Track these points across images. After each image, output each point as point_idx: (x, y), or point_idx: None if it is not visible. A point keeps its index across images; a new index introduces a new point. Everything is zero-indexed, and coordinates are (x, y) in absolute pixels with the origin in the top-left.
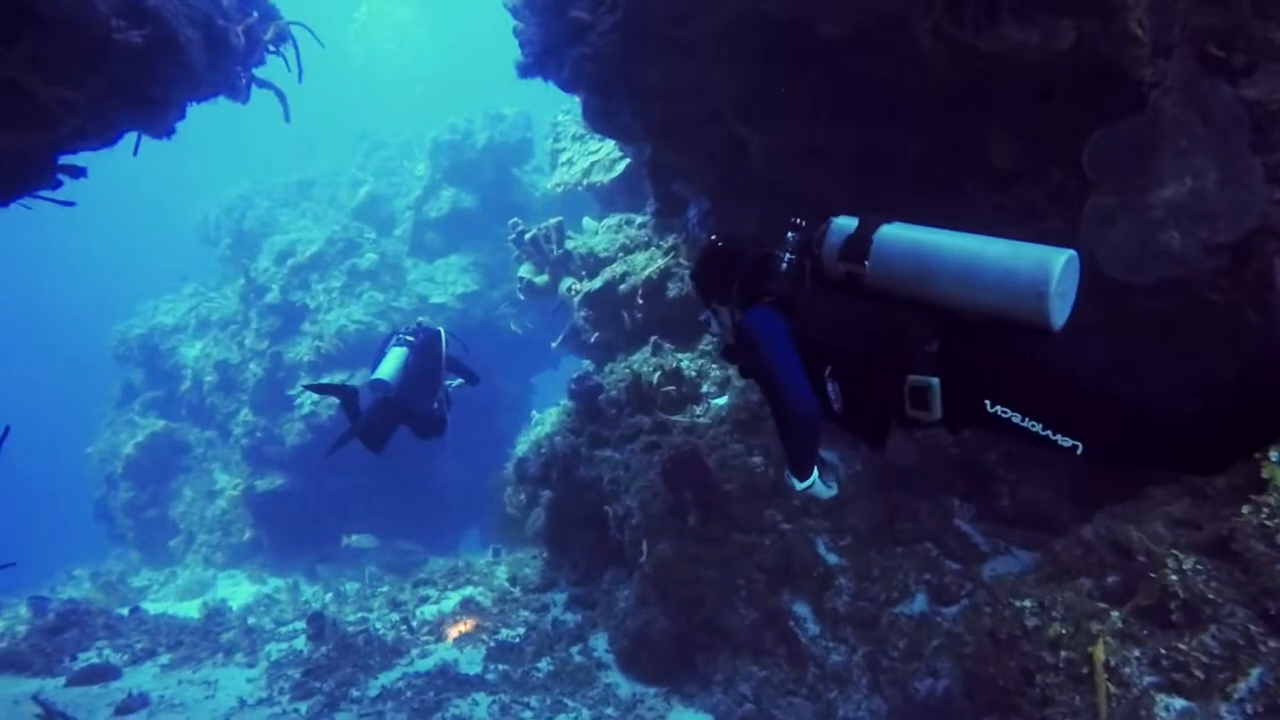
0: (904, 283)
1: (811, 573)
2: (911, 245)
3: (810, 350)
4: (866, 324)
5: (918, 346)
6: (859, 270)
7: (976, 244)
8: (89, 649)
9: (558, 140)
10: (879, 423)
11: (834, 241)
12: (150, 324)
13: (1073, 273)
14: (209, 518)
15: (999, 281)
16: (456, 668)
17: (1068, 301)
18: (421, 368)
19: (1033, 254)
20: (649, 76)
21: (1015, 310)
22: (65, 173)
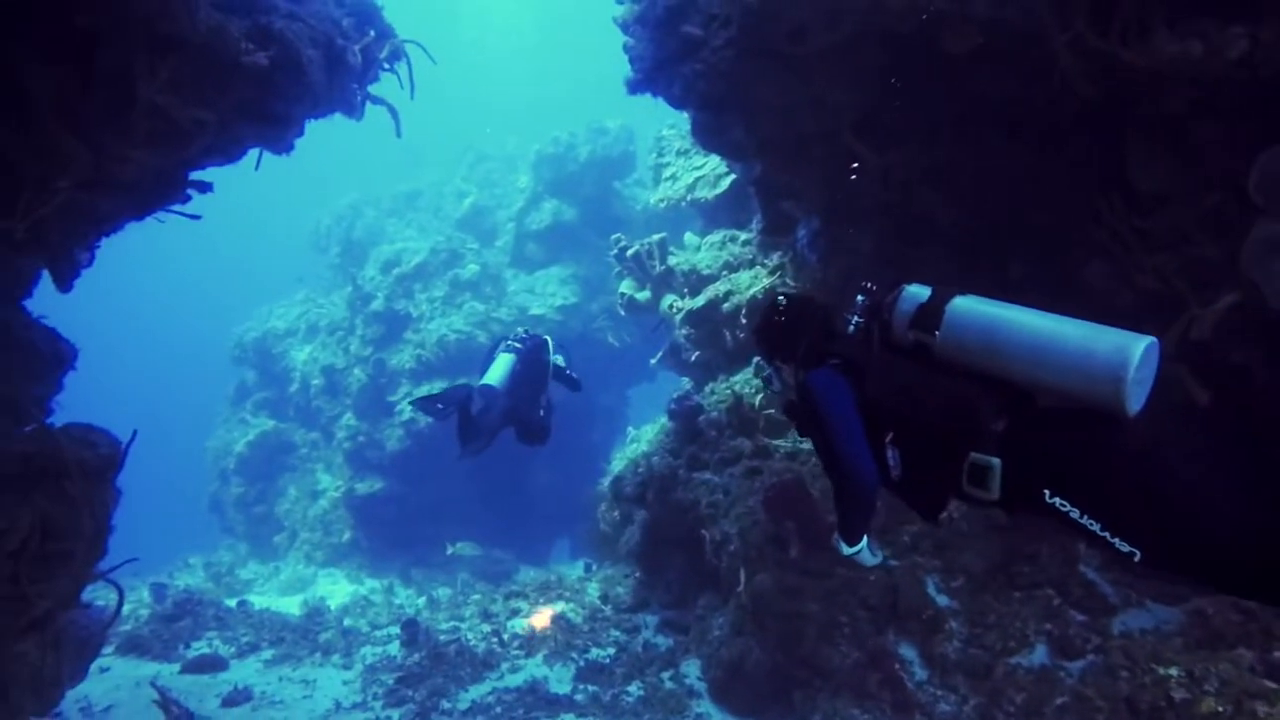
0: (974, 356)
1: (920, 614)
2: (984, 319)
3: (872, 416)
4: (932, 394)
5: (983, 423)
6: (929, 340)
7: (1052, 323)
8: (200, 638)
9: (662, 155)
10: (936, 495)
11: (905, 309)
12: (264, 328)
13: (1151, 360)
14: (311, 517)
15: (1075, 364)
16: (546, 686)
17: (1144, 389)
18: (528, 374)
19: (1112, 338)
20: (762, 93)
21: (1089, 394)
22: (194, 188)
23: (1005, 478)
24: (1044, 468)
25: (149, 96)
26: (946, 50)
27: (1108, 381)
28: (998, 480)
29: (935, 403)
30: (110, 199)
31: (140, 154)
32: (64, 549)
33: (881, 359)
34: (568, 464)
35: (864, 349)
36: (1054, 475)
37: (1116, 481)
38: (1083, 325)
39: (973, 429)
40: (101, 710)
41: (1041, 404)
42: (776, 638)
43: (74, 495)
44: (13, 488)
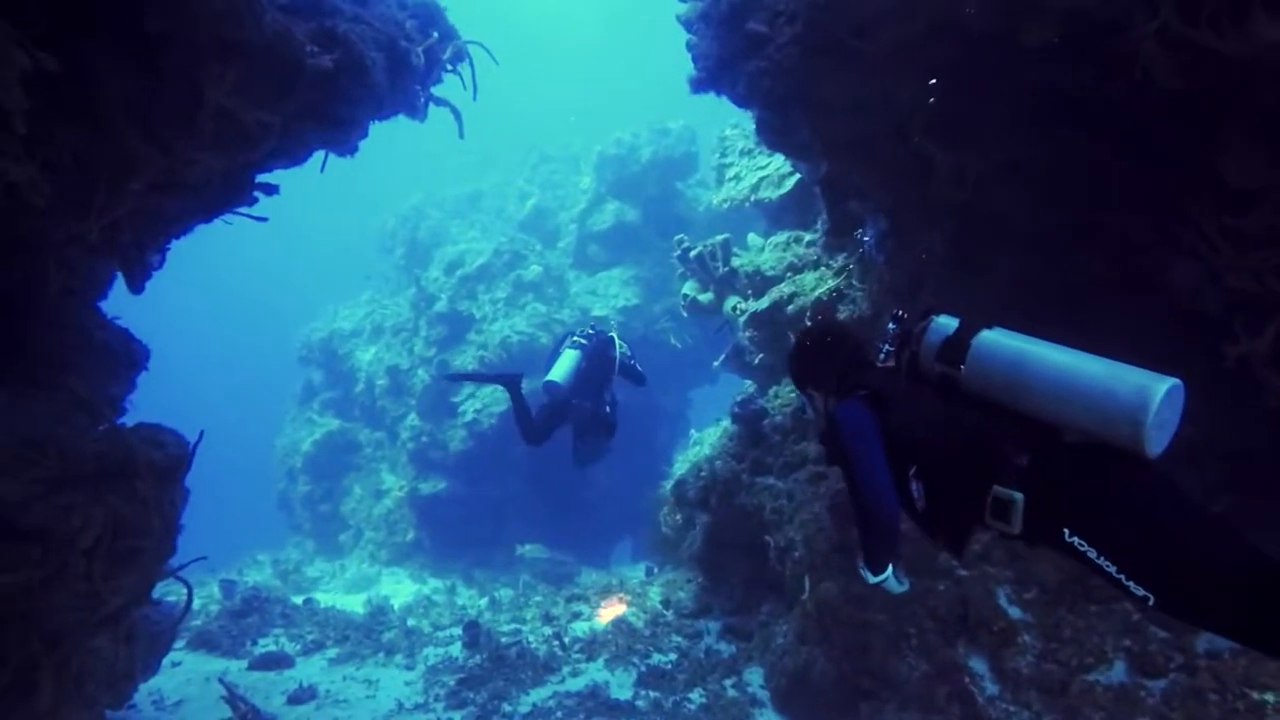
0: (999, 391)
1: (991, 626)
2: (1009, 354)
3: (898, 447)
4: (957, 428)
5: (1006, 458)
6: (954, 373)
7: (1076, 361)
8: (267, 635)
9: (724, 155)
10: (960, 527)
11: (932, 341)
12: (331, 328)
13: (1175, 402)
14: (375, 516)
15: (1096, 403)
16: (607, 691)
17: (1167, 431)
18: (592, 371)
19: (1134, 379)
20: (829, 90)
21: (1110, 435)
22: (261, 190)
23: (1027, 513)
24: (1064, 507)
25: (216, 99)
26: (1022, 42)
27: (1127, 423)
28: (1020, 515)
29: (960, 436)
30: (179, 201)
31: (207, 156)
32: (134, 547)
33: (908, 390)
34: (629, 466)
35: (892, 379)
36: (1073, 515)
37: (1133, 527)
38: (1107, 364)
39: (996, 463)
40: (173, 704)
41: (1067, 440)
42: (842, 647)
43: (144, 495)
44: (86, 487)
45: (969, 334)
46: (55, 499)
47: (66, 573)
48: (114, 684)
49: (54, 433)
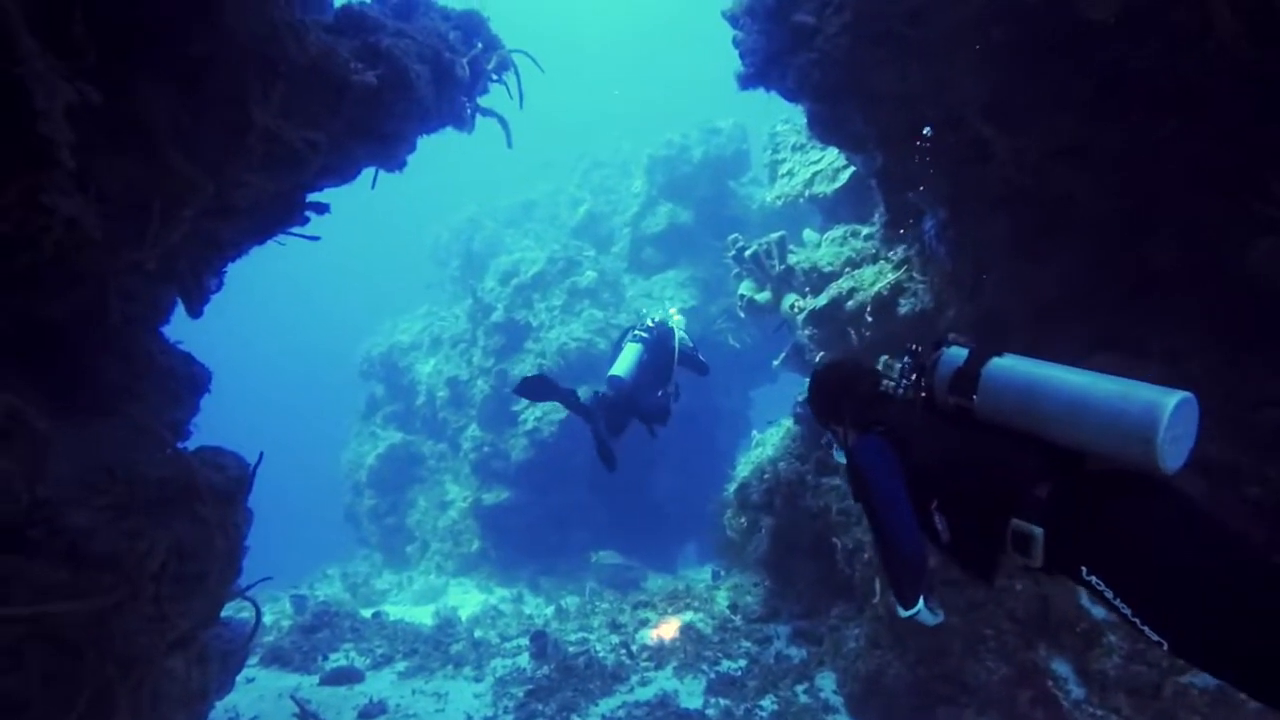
0: (1013, 419)
1: (1074, 627)
2: (1020, 381)
3: (918, 481)
4: (974, 459)
5: (1025, 489)
6: (968, 404)
7: (1087, 382)
8: (338, 649)
9: (776, 151)
10: (986, 559)
11: (944, 373)
12: (390, 342)
13: (1188, 416)
14: (441, 527)
15: (1108, 423)
16: (677, 700)
17: (1182, 446)
18: (654, 363)
19: (1144, 395)
20: (881, 79)
21: (1125, 455)
22: (312, 209)
23: (1048, 546)
24: (1082, 543)
25: (263, 121)
26: (1083, 17)
27: (1140, 441)
28: (1040, 549)
29: (978, 468)
30: (232, 225)
31: (256, 178)
32: (200, 570)
33: (926, 424)
34: (692, 468)
35: (910, 413)
36: (1091, 553)
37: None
38: (1117, 383)
39: (1015, 495)
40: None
41: (1089, 467)
42: (917, 651)
43: (206, 518)
44: (151, 512)
45: (978, 364)
46: (122, 525)
47: (136, 598)
48: (188, 704)
49: (120, 459)
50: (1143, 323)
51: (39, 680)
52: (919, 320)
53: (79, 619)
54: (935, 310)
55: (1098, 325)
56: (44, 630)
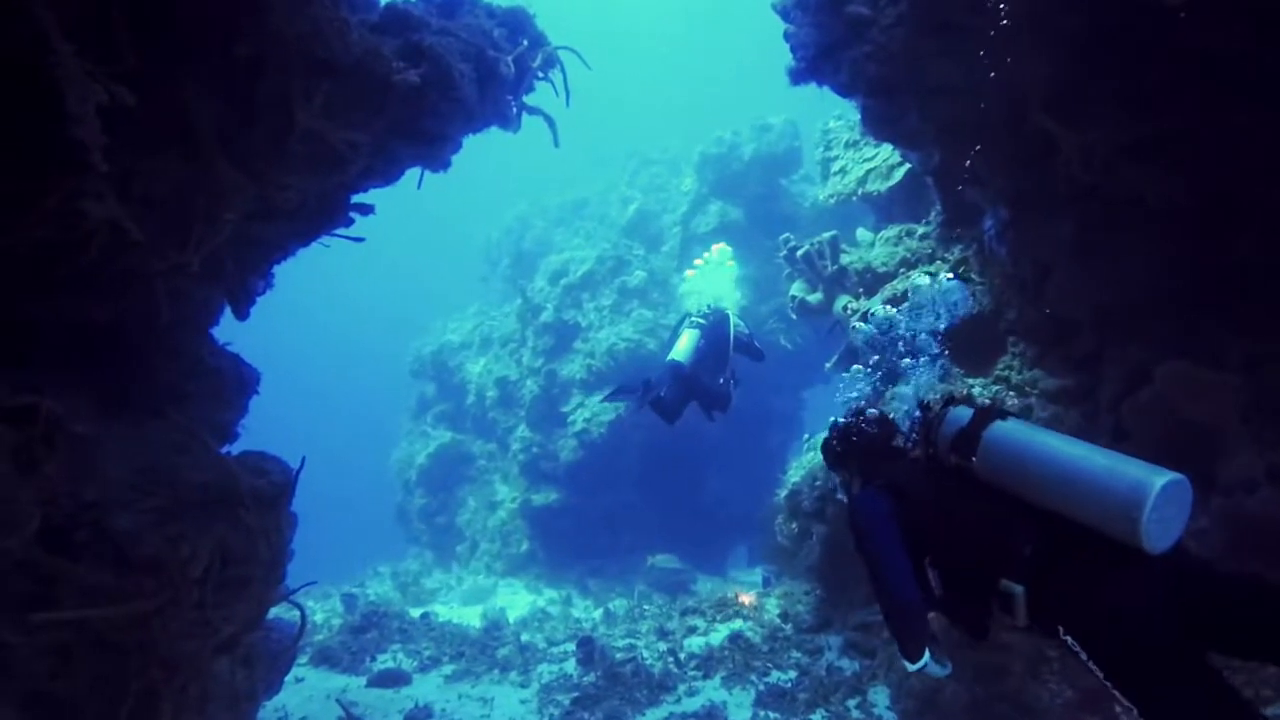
0: (1009, 483)
1: None
2: (1017, 447)
3: (915, 535)
4: (969, 518)
5: (1013, 549)
6: (967, 464)
7: (1079, 454)
8: (386, 650)
9: (829, 148)
10: (977, 616)
11: (947, 432)
12: (440, 341)
13: (1179, 498)
14: (490, 527)
15: (1095, 498)
16: (724, 712)
17: (1170, 527)
18: (711, 349)
19: (1133, 473)
20: (940, 72)
21: (1109, 529)
22: (356, 210)
23: (1029, 606)
24: (1060, 605)
25: (305, 122)
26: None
27: (1124, 519)
28: (1023, 608)
29: (971, 527)
30: (276, 226)
31: (299, 180)
32: (244, 575)
33: (928, 479)
34: (743, 469)
35: (914, 468)
36: (1068, 615)
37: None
38: (1109, 458)
39: (1003, 555)
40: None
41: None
42: (975, 669)
43: (249, 523)
44: (194, 516)
45: (980, 426)
46: (166, 529)
47: (179, 603)
48: (235, 705)
49: (166, 462)
50: (1219, 328)
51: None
52: (976, 322)
53: (123, 622)
54: (994, 313)
55: (1169, 330)
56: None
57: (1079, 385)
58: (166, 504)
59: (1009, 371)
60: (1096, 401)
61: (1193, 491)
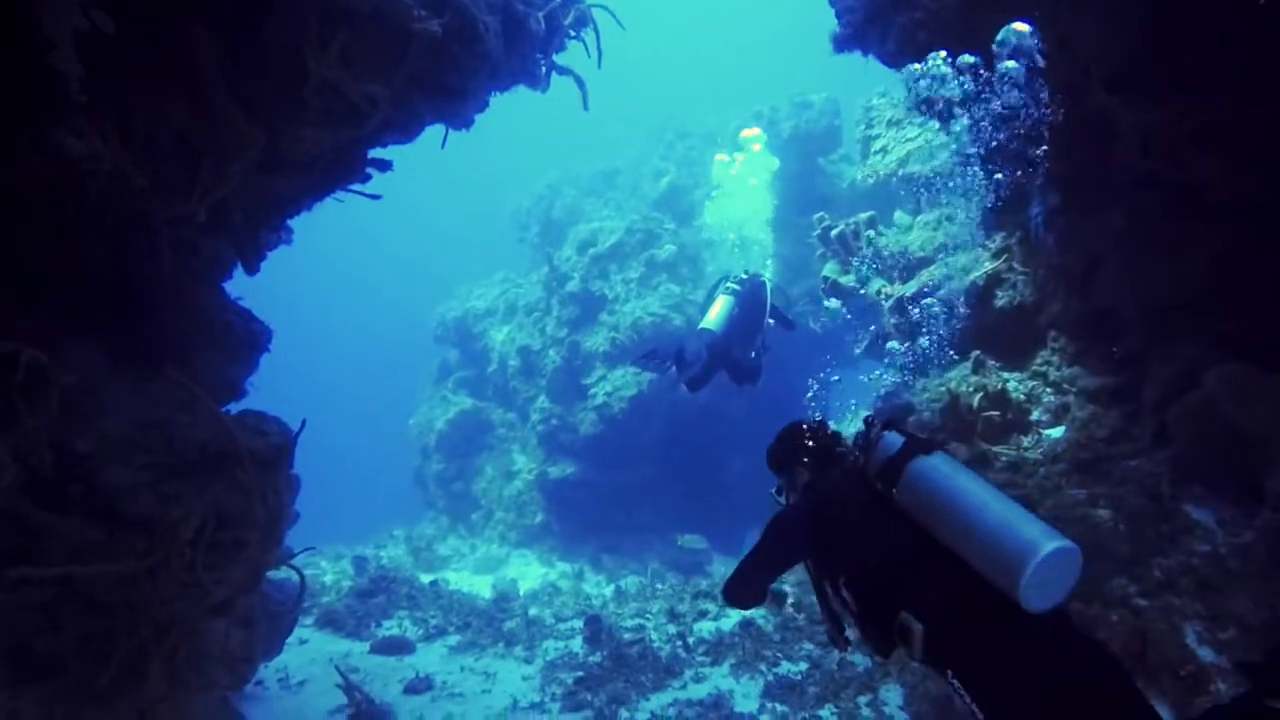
0: (923, 519)
1: (1177, 669)
2: (935, 485)
3: (832, 553)
4: (885, 547)
5: (920, 588)
6: (888, 494)
7: (985, 504)
8: (392, 617)
9: (870, 126)
10: (880, 641)
11: (878, 457)
12: (465, 307)
13: (1063, 564)
14: (506, 497)
15: (987, 550)
16: (731, 701)
17: (1052, 591)
18: (744, 317)
19: (1025, 533)
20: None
21: (997, 582)
22: (374, 166)
23: (926, 644)
24: (950, 647)
25: (320, 72)
26: None
27: (1006, 577)
28: (920, 645)
29: (885, 557)
30: (288, 179)
31: (313, 132)
32: (239, 538)
33: (855, 497)
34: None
35: (847, 484)
36: (956, 660)
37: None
38: (1012, 514)
39: (910, 591)
40: (297, 683)
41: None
42: None
43: (246, 485)
44: (191, 475)
45: (906, 458)
46: (160, 488)
47: (171, 563)
48: (233, 667)
49: (165, 419)
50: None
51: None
52: (1016, 314)
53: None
54: (1035, 305)
55: (1222, 331)
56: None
57: (1121, 385)
58: (162, 461)
59: (1047, 367)
60: (1139, 402)
61: (1081, 561)
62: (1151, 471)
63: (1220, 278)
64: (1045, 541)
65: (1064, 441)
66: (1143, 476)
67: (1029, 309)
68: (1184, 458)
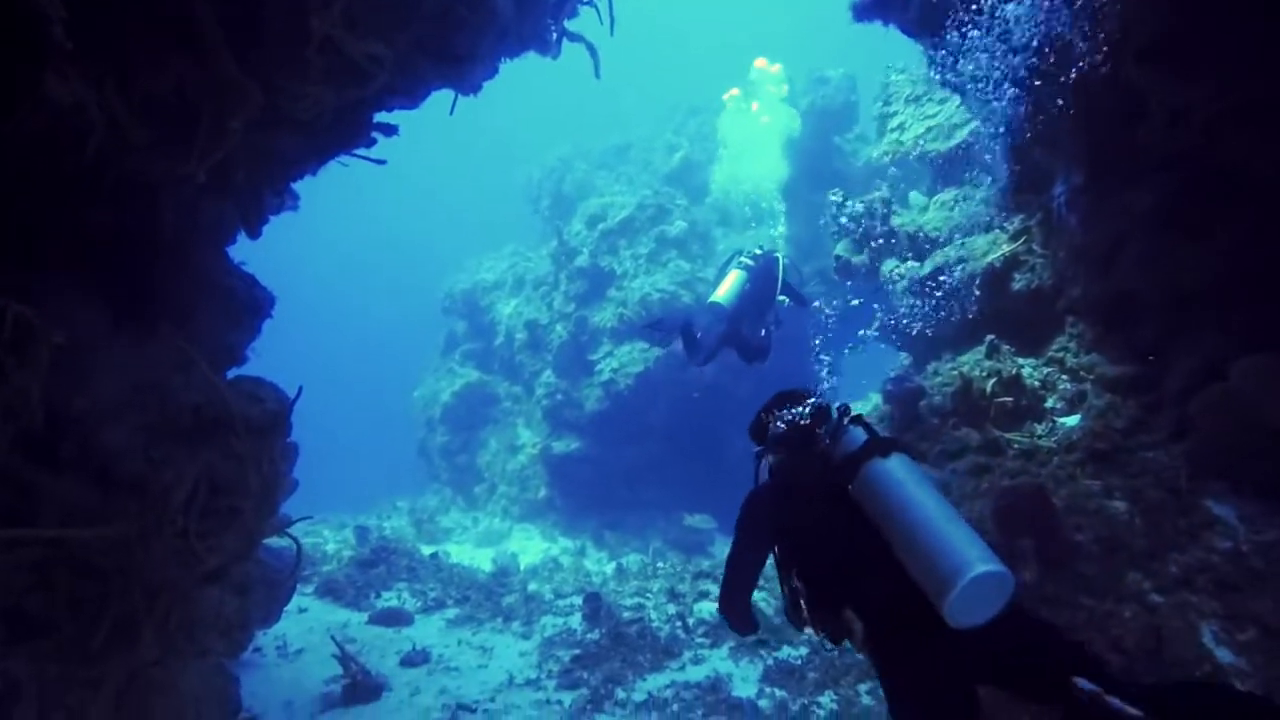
0: (873, 519)
1: (1193, 669)
2: (886, 489)
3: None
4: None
5: (866, 587)
6: (845, 488)
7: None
8: (391, 588)
9: (888, 103)
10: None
11: (841, 450)
12: (474, 279)
13: (991, 589)
14: (509, 471)
15: (923, 561)
16: (729, 684)
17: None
18: (756, 292)
19: (960, 553)
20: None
21: (930, 594)
22: (380, 131)
23: (866, 642)
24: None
25: (323, 30)
26: None
27: (935, 592)
28: (860, 641)
29: (837, 552)
30: (291, 139)
31: (316, 90)
32: (232, 506)
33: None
34: None
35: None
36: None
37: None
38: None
39: (856, 590)
40: (294, 652)
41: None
42: None
43: (240, 451)
44: (185, 440)
45: (865, 456)
46: (153, 451)
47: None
48: (228, 634)
49: (160, 381)
50: None
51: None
52: (1034, 298)
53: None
54: (1054, 289)
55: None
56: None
57: (1141, 374)
58: (155, 424)
59: (1064, 353)
60: (1160, 393)
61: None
62: (1170, 464)
63: (1250, 263)
64: (978, 564)
65: (1079, 430)
66: (1161, 469)
67: (1047, 293)
68: (1205, 451)
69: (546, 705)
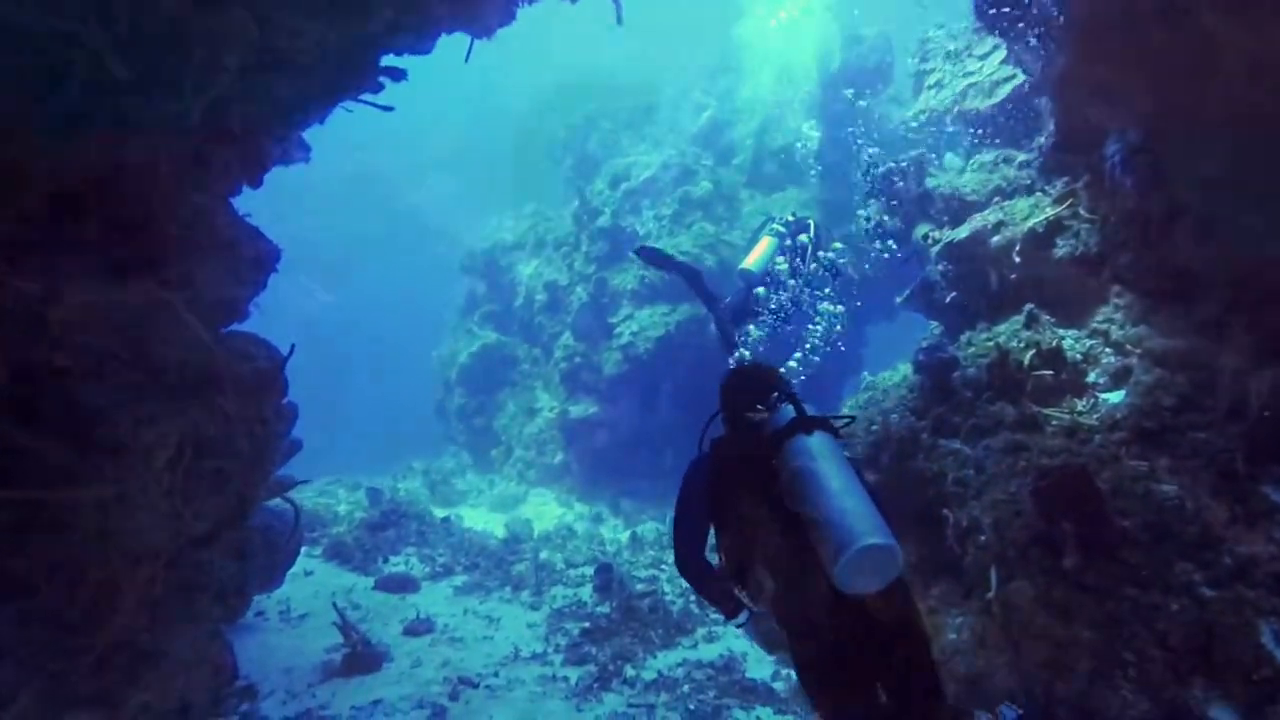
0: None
1: (1249, 672)
2: (802, 463)
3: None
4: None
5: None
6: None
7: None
8: (399, 553)
9: (925, 60)
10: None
11: (773, 424)
12: (494, 239)
13: (879, 561)
14: (526, 435)
15: (822, 531)
16: (743, 664)
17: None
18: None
19: (853, 526)
20: None
21: (824, 560)
22: (387, 75)
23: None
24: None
25: None
26: None
27: (830, 558)
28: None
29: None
30: (289, 81)
31: (313, 26)
32: (219, 468)
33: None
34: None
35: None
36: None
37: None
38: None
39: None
40: (298, 616)
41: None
42: (1034, 662)
43: (228, 411)
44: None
45: (790, 432)
46: (135, 409)
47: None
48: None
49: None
50: None
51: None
52: (1078, 265)
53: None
54: (1099, 256)
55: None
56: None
57: (1194, 350)
58: (139, 381)
59: (1109, 325)
60: (1213, 372)
61: (900, 562)
62: (1225, 446)
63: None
64: (868, 536)
65: (1124, 407)
66: (1215, 451)
67: (1092, 259)
68: (1264, 434)
69: (552, 681)
